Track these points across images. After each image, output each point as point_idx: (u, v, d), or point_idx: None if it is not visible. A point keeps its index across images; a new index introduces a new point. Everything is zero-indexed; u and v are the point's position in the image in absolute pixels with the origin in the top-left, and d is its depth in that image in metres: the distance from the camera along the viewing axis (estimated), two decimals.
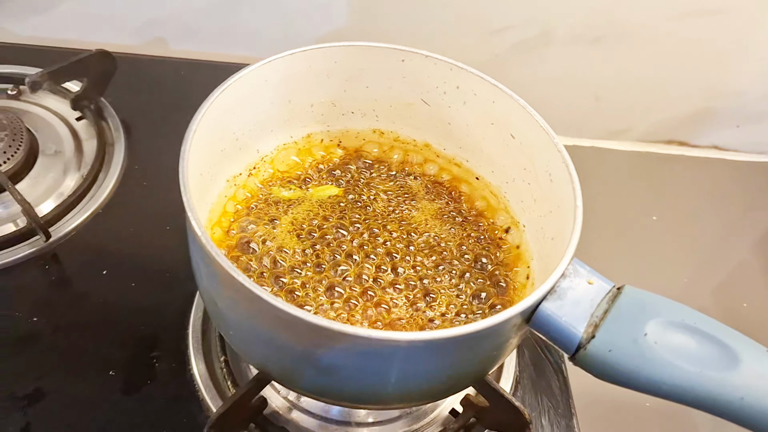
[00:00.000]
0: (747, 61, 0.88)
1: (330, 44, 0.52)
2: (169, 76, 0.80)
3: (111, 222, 0.64)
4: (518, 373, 0.58)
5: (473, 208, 0.55)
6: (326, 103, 0.56)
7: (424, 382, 0.41)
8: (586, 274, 0.41)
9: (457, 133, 0.56)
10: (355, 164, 0.57)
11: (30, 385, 0.53)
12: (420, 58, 0.53)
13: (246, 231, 0.50)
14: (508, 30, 0.85)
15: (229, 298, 0.39)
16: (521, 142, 0.51)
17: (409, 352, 0.37)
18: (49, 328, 0.56)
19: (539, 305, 0.39)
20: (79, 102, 0.71)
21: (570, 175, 0.45)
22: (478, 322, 0.36)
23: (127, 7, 0.83)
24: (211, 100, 0.46)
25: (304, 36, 0.86)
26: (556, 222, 0.47)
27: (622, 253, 0.85)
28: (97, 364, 0.55)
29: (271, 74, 0.50)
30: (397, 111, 0.57)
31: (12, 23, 0.84)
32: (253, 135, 0.53)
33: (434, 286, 0.49)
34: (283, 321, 0.36)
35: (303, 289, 0.47)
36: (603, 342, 0.38)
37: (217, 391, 0.54)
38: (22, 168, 0.65)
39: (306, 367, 0.41)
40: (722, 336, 0.37)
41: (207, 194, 0.50)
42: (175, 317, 0.58)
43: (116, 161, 0.68)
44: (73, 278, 0.60)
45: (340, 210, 0.53)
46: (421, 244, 0.52)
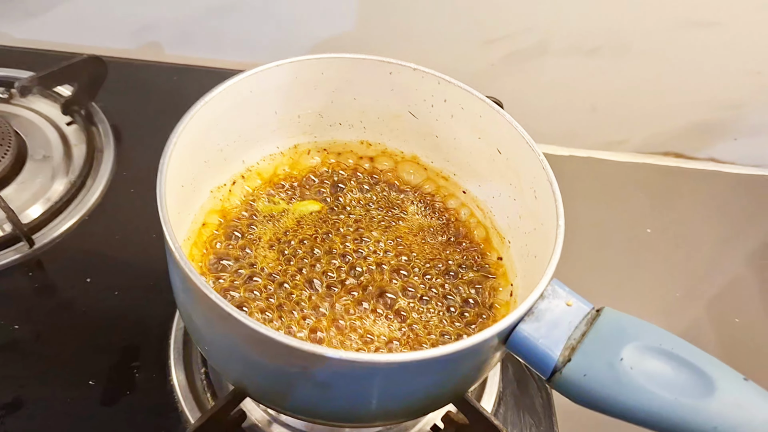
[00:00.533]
0: (744, 74, 0.88)
1: (316, 56, 0.51)
2: (161, 81, 0.80)
3: (97, 229, 0.64)
4: (501, 390, 0.58)
5: (460, 224, 0.55)
6: (313, 114, 0.55)
7: (402, 401, 0.41)
8: (565, 295, 0.40)
9: (445, 146, 0.56)
10: (342, 176, 0.57)
11: (9, 394, 0.52)
12: (408, 71, 0.52)
13: (226, 245, 0.50)
14: (505, 39, 0.85)
15: (204, 315, 0.39)
16: (507, 158, 0.51)
17: (386, 374, 0.37)
18: (30, 335, 0.56)
19: (516, 327, 0.39)
20: (69, 107, 0.71)
21: (553, 194, 0.44)
22: (455, 343, 0.36)
23: (122, 12, 0.83)
24: (193, 112, 0.45)
25: (298, 43, 0.86)
26: (540, 240, 0.46)
27: (615, 265, 0.84)
28: (78, 373, 0.54)
29: (256, 85, 0.50)
30: (385, 123, 0.57)
31: (6, 26, 0.83)
32: (238, 146, 0.53)
33: (416, 304, 0.48)
34: (256, 340, 0.35)
35: (278, 310, 0.46)
36: (579, 366, 0.37)
37: (197, 403, 0.53)
38: (9, 172, 0.65)
39: (280, 386, 0.40)
40: (699, 362, 0.36)
41: (189, 205, 0.50)
42: (157, 327, 0.57)
43: (105, 167, 0.68)
44: (57, 286, 0.60)
45: (323, 224, 0.53)
46: (405, 260, 0.51)
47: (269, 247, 0.50)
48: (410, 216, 0.55)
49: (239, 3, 0.81)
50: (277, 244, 0.50)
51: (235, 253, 0.49)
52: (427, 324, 0.47)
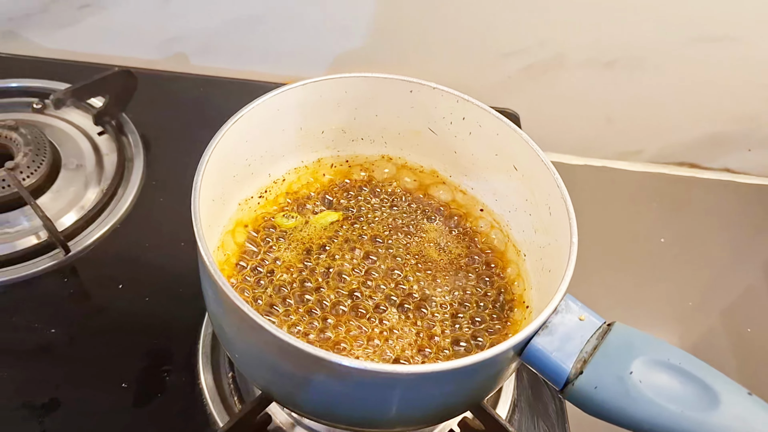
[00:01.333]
0: (758, 87, 0.89)
1: (341, 75, 0.54)
2: (188, 92, 0.82)
3: (128, 237, 0.66)
4: (516, 397, 0.60)
5: (477, 236, 0.57)
6: (336, 129, 0.58)
7: (421, 409, 0.43)
8: (578, 310, 0.42)
9: (463, 161, 0.58)
10: (363, 188, 0.59)
11: (46, 395, 0.55)
12: (428, 89, 0.54)
13: (254, 256, 0.52)
14: (522, 53, 0.87)
15: (236, 325, 0.41)
16: (523, 174, 0.52)
17: (405, 384, 0.39)
18: (66, 339, 0.59)
19: (531, 340, 0.41)
20: (101, 117, 0.74)
21: (567, 212, 0.46)
22: (473, 356, 0.38)
23: (149, 23, 0.86)
24: (224, 131, 0.48)
25: (319, 55, 0.88)
26: (554, 255, 0.48)
27: (629, 274, 0.86)
28: (111, 375, 0.57)
29: (283, 103, 0.52)
30: (405, 138, 0.59)
31: (38, 36, 0.86)
32: (265, 160, 0.55)
33: (436, 312, 0.50)
34: (286, 351, 0.38)
35: (309, 315, 0.49)
36: (590, 378, 0.39)
37: (224, 406, 0.56)
38: (45, 181, 0.68)
39: (307, 393, 0.43)
40: (705, 376, 0.38)
41: (219, 218, 0.52)
42: (186, 332, 0.60)
43: (135, 176, 0.71)
44: (91, 291, 0.62)
45: (345, 235, 0.55)
46: (423, 270, 0.53)
47: (293, 257, 0.52)
48: (429, 227, 0.57)
49: (263, 17, 0.84)
50: (301, 254, 0.53)
51: (263, 264, 0.52)
52: (444, 332, 0.49)
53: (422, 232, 0.57)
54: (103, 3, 0.84)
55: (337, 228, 0.55)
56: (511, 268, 0.55)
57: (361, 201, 0.58)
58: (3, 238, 0.64)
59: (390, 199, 0.59)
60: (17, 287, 0.61)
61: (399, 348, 0.48)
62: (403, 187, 0.60)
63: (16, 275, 0.61)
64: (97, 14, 0.85)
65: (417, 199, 0.59)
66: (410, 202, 0.59)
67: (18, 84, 0.77)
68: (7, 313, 0.60)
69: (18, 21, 0.85)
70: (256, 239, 0.53)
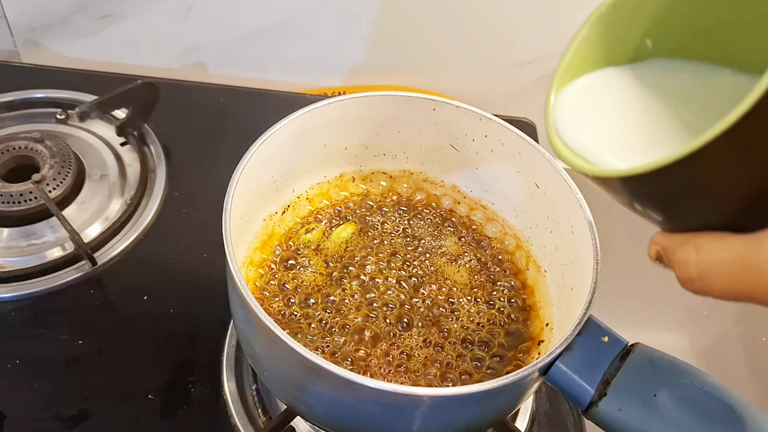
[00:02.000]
0: None
1: (364, 94, 0.54)
2: (208, 101, 0.83)
3: (152, 248, 0.68)
4: (535, 410, 0.60)
5: (498, 252, 0.58)
6: (359, 146, 0.59)
7: (444, 429, 0.44)
8: (601, 331, 0.43)
9: (484, 177, 0.59)
10: (384, 202, 0.60)
11: (75, 406, 0.56)
12: (451, 107, 0.55)
13: (278, 272, 0.53)
14: (536, 62, 0.87)
15: (266, 345, 0.42)
16: (545, 192, 0.53)
17: (430, 405, 0.40)
18: (93, 350, 0.60)
19: (555, 361, 0.41)
20: (123, 129, 0.75)
21: (591, 233, 0.47)
22: (498, 378, 0.39)
23: (169, 33, 0.87)
24: (253, 151, 0.48)
25: (336, 65, 0.89)
26: (576, 273, 0.49)
27: (643, 282, 0.86)
28: (138, 387, 0.58)
29: (308, 122, 0.53)
30: (427, 154, 0.60)
31: (60, 46, 0.88)
32: (289, 177, 0.56)
33: (457, 330, 0.51)
34: (315, 372, 0.39)
35: (334, 333, 0.50)
36: (614, 401, 0.40)
37: (248, 418, 0.57)
38: (70, 193, 0.69)
39: (333, 410, 0.44)
40: (729, 400, 0.39)
41: (245, 235, 0.53)
42: (211, 343, 0.61)
43: (158, 187, 0.72)
44: (116, 303, 0.64)
45: (367, 250, 0.56)
46: (442, 286, 0.54)
47: (316, 272, 0.53)
48: (449, 242, 0.58)
49: (281, 27, 0.85)
50: (324, 268, 0.54)
51: (286, 277, 0.53)
52: (465, 349, 0.50)
53: (442, 247, 0.57)
54: (123, 13, 0.85)
55: (357, 241, 0.56)
56: (531, 284, 0.56)
57: (381, 214, 0.59)
58: (30, 250, 0.65)
59: (410, 214, 0.59)
60: (45, 299, 0.62)
61: (424, 368, 0.49)
62: (423, 202, 0.61)
63: (43, 287, 0.62)
64: (117, 24, 0.86)
65: (437, 214, 0.60)
66: (430, 216, 0.60)
67: (42, 95, 0.78)
68: (36, 324, 0.61)
69: (40, 31, 0.86)
70: (280, 254, 0.54)
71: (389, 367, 0.48)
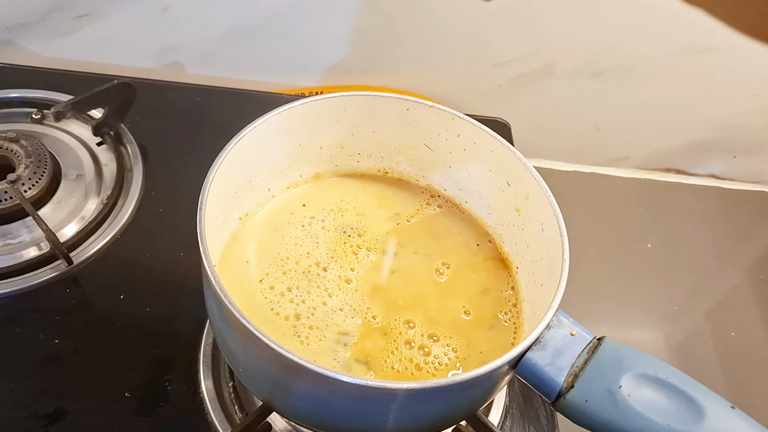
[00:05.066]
0: (743, 96, 0.91)
1: (340, 94, 0.55)
2: (185, 101, 0.83)
3: (128, 247, 0.68)
4: (508, 403, 0.61)
5: (471, 246, 0.59)
6: (334, 145, 0.59)
7: (418, 422, 0.45)
8: (570, 325, 0.44)
9: (457, 176, 0.60)
10: (359, 201, 0.61)
11: (52, 405, 0.56)
12: (424, 107, 0.56)
13: (256, 267, 0.54)
14: (512, 63, 0.89)
15: (240, 342, 0.43)
16: (516, 191, 0.54)
17: (403, 399, 0.41)
18: (69, 349, 0.60)
19: (524, 355, 0.42)
20: (100, 128, 0.75)
21: (559, 229, 0.48)
22: (469, 372, 0.40)
23: (146, 33, 0.86)
24: (227, 151, 0.49)
25: (314, 64, 0.90)
26: (546, 270, 0.50)
27: (616, 278, 0.88)
28: (114, 385, 0.58)
29: (284, 122, 0.54)
30: (401, 153, 0.60)
31: (36, 46, 0.87)
32: (265, 176, 0.57)
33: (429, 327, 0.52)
34: (290, 367, 0.39)
35: (312, 329, 0.50)
36: (581, 392, 0.41)
37: (225, 415, 0.57)
38: (46, 193, 0.69)
39: (310, 406, 0.44)
40: (691, 391, 0.40)
41: (220, 233, 0.54)
42: (187, 341, 0.61)
43: (135, 187, 0.72)
44: (93, 302, 0.64)
45: (346, 246, 0.56)
46: (414, 283, 0.55)
47: (297, 270, 0.54)
48: (423, 238, 0.59)
49: (258, 27, 0.85)
50: (305, 268, 0.54)
51: (264, 274, 0.53)
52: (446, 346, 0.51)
53: (417, 244, 0.58)
54: (99, 13, 0.84)
55: (334, 239, 0.57)
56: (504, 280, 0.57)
57: (357, 213, 0.59)
58: (5, 250, 0.65)
59: (386, 212, 0.60)
60: (20, 299, 0.62)
61: (395, 359, 0.50)
62: (398, 201, 0.61)
63: (18, 287, 0.62)
64: (93, 24, 0.85)
65: (412, 213, 0.61)
66: (406, 215, 0.60)
67: (17, 94, 0.78)
68: (11, 324, 0.61)
69: (15, 30, 0.85)
70: (258, 252, 0.55)
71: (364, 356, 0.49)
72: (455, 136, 0.56)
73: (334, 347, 0.50)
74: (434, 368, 0.50)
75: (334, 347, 0.50)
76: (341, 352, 0.50)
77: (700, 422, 0.39)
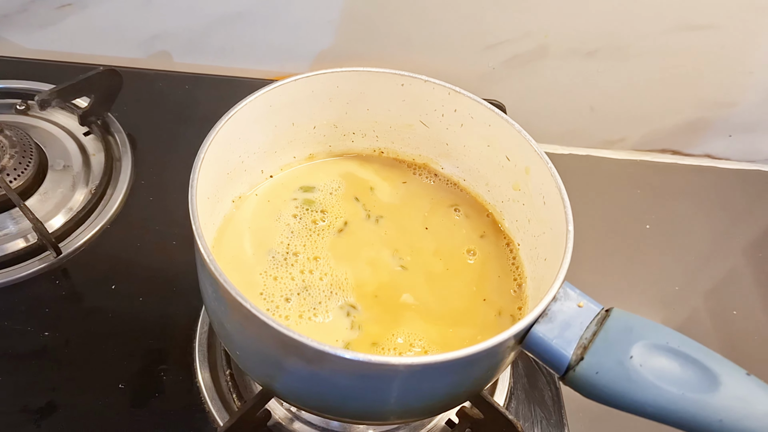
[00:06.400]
0: (737, 74, 0.90)
1: (332, 70, 0.54)
2: (173, 90, 0.82)
3: (119, 237, 0.66)
4: (512, 385, 0.60)
5: (472, 223, 0.57)
6: (328, 124, 0.58)
7: (422, 400, 0.43)
8: (576, 297, 0.43)
9: (455, 153, 0.58)
10: (356, 182, 0.59)
11: (43, 398, 0.55)
12: (419, 82, 0.54)
13: (251, 251, 0.52)
14: (504, 44, 0.87)
15: (237, 322, 0.41)
16: (516, 165, 0.53)
17: (406, 375, 0.39)
18: (60, 342, 0.58)
19: (531, 328, 0.41)
20: (86, 118, 0.73)
21: (562, 200, 0.46)
22: (474, 346, 0.38)
23: (131, 22, 0.85)
24: (217, 129, 0.47)
25: (304, 50, 0.88)
26: (549, 244, 0.49)
27: (615, 261, 0.87)
28: (107, 377, 0.57)
29: (275, 100, 0.52)
30: (397, 131, 0.59)
31: (19, 37, 0.85)
32: (258, 157, 0.55)
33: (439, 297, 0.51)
34: (289, 345, 0.38)
35: (312, 310, 0.49)
36: (591, 364, 0.40)
37: (223, 403, 0.56)
38: (32, 183, 0.67)
39: (310, 387, 0.43)
40: (704, 359, 0.39)
41: (213, 216, 0.52)
42: (182, 331, 0.60)
43: (123, 176, 0.70)
44: (83, 293, 0.62)
45: (341, 227, 0.55)
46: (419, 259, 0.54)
47: (288, 251, 0.52)
48: (421, 218, 0.57)
49: (246, 13, 0.83)
50: (296, 246, 0.53)
51: (258, 257, 0.52)
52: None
53: (418, 227, 0.57)
54: (83, 2, 0.83)
55: (329, 220, 0.55)
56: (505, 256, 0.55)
57: (352, 194, 0.58)
58: None
59: (383, 192, 0.59)
60: (8, 291, 0.61)
61: (401, 337, 0.48)
62: (394, 180, 0.60)
63: (6, 279, 0.61)
64: (77, 13, 0.84)
65: (410, 192, 0.59)
66: (401, 194, 0.59)
67: (1, 86, 0.76)
68: (0, 317, 0.59)
69: None
70: (253, 236, 0.53)
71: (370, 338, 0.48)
72: (452, 112, 0.55)
73: (334, 326, 0.48)
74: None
75: (335, 326, 0.48)
76: (342, 332, 0.48)
77: (715, 390, 0.38)
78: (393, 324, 0.50)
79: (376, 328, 0.49)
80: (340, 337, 0.48)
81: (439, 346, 0.49)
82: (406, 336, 0.49)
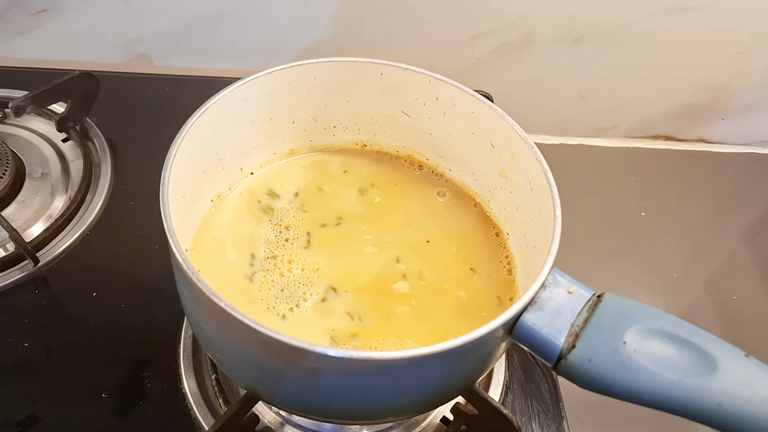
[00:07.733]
0: (727, 55, 0.89)
1: (308, 61, 0.52)
2: (153, 93, 0.80)
3: (100, 243, 0.64)
4: (508, 378, 0.59)
5: (460, 214, 0.56)
6: (307, 118, 0.56)
7: (412, 396, 0.42)
8: (566, 283, 0.41)
9: (439, 143, 0.57)
10: (339, 177, 0.58)
11: (23, 411, 0.53)
12: (398, 71, 0.53)
13: (231, 250, 0.51)
14: (489, 34, 0.86)
15: (214, 323, 0.40)
16: (501, 151, 0.51)
17: (392, 370, 0.38)
18: (41, 352, 0.57)
19: (520, 317, 0.39)
20: (64, 123, 0.71)
21: (549, 185, 0.45)
22: (460, 337, 0.37)
23: (109, 26, 0.83)
24: (190, 124, 0.46)
25: (287, 48, 0.86)
26: (538, 230, 0.47)
27: (611, 250, 0.85)
28: (90, 387, 0.55)
29: (250, 94, 0.51)
30: (379, 123, 0.57)
31: None
32: (236, 154, 0.54)
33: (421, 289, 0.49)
34: (268, 344, 0.36)
35: (294, 309, 0.47)
36: (583, 352, 0.38)
37: (209, 409, 0.54)
38: (9, 192, 0.66)
39: (293, 387, 0.41)
40: (700, 342, 0.37)
41: (191, 215, 0.51)
42: (166, 336, 0.58)
43: (103, 182, 0.69)
44: (64, 302, 0.60)
45: (324, 222, 0.53)
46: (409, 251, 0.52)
47: (269, 250, 0.51)
48: (408, 211, 0.56)
49: (225, 13, 0.82)
50: (277, 244, 0.51)
51: (239, 256, 0.50)
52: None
53: (404, 218, 0.55)
54: (59, 8, 0.81)
55: (311, 217, 0.54)
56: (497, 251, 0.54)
57: (335, 189, 0.56)
58: None
59: (366, 186, 0.57)
60: None
61: (388, 332, 0.47)
62: (379, 173, 0.58)
63: None
64: (54, 19, 0.82)
65: (395, 184, 0.58)
66: (387, 187, 0.57)
67: None
68: None
69: None
70: (231, 235, 0.52)
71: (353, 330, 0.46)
72: (433, 100, 0.54)
73: (318, 324, 0.47)
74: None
75: (319, 324, 0.47)
76: (327, 329, 0.47)
77: (713, 374, 0.36)
78: (381, 319, 0.48)
79: (362, 324, 0.47)
80: (325, 335, 0.46)
81: (429, 340, 0.47)
82: (394, 331, 0.47)
